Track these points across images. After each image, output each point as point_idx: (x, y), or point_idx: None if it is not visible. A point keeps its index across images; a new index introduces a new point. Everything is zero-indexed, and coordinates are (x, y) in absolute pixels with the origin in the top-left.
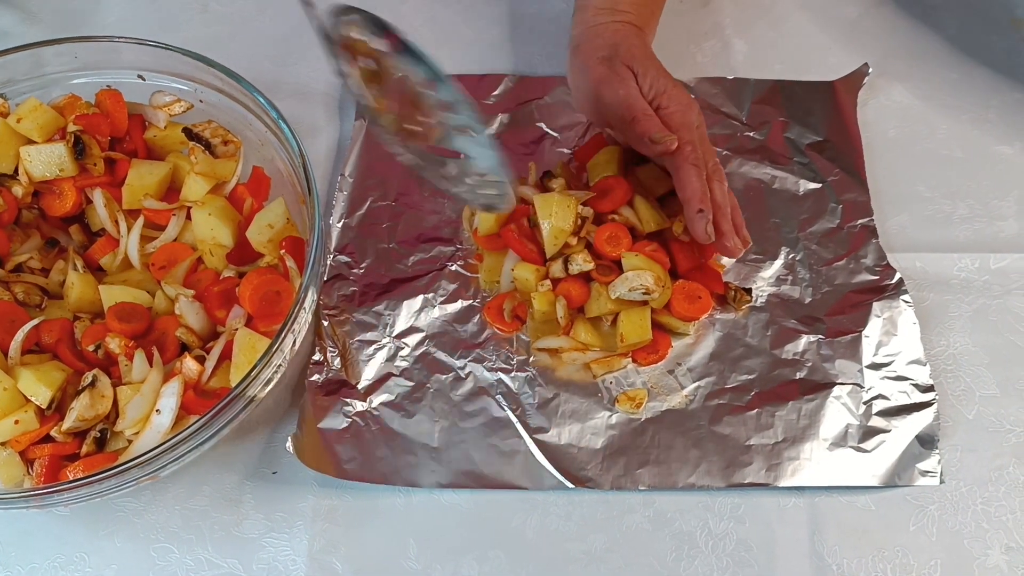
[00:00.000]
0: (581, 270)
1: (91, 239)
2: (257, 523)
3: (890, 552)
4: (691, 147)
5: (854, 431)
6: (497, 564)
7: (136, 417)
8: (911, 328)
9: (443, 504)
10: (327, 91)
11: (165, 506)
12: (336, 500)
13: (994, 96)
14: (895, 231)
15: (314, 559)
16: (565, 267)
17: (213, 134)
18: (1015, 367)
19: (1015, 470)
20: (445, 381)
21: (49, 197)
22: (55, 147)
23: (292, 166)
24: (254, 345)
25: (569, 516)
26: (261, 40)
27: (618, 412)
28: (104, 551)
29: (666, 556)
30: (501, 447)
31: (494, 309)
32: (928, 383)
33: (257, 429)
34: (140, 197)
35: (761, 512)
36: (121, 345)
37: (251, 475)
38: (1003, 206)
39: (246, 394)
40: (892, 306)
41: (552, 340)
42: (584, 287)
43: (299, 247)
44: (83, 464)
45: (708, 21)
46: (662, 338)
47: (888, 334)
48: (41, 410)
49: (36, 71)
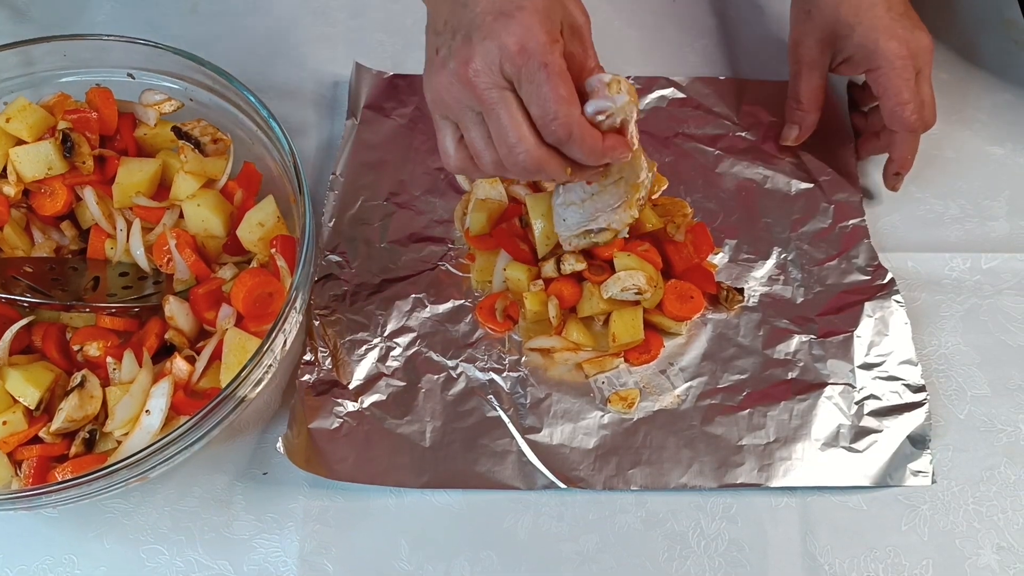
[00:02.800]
0: (573, 270)
1: (83, 236)
2: (248, 524)
3: (882, 552)
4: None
5: (846, 431)
6: (489, 565)
7: (125, 418)
8: (902, 328)
9: (435, 505)
10: (317, 90)
11: (155, 507)
12: (327, 501)
13: (985, 97)
14: (887, 231)
15: (305, 560)
16: (557, 267)
17: (203, 133)
18: (1006, 367)
19: (1006, 470)
20: (437, 381)
21: (40, 197)
22: (43, 145)
23: (283, 165)
24: (244, 345)
25: (561, 516)
26: (252, 39)
27: (610, 412)
28: (93, 553)
29: (658, 556)
30: (493, 447)
31: (486, 309)
32: (919, 383)
33: (247, 430)
34: (131, 195)
35: (753, 512)
36: (101, 348)
37: (241, 476)
38: (994, 206)
39: (236, 395)
40: (884, 306)
41: (544, 340)
42: (576, 287)
43: (290, 246)
44: (72, 465)
45: (701, 20)
46: (654, 338)
47: (880, 334)
48: (29, 411)
49: (25, 69)
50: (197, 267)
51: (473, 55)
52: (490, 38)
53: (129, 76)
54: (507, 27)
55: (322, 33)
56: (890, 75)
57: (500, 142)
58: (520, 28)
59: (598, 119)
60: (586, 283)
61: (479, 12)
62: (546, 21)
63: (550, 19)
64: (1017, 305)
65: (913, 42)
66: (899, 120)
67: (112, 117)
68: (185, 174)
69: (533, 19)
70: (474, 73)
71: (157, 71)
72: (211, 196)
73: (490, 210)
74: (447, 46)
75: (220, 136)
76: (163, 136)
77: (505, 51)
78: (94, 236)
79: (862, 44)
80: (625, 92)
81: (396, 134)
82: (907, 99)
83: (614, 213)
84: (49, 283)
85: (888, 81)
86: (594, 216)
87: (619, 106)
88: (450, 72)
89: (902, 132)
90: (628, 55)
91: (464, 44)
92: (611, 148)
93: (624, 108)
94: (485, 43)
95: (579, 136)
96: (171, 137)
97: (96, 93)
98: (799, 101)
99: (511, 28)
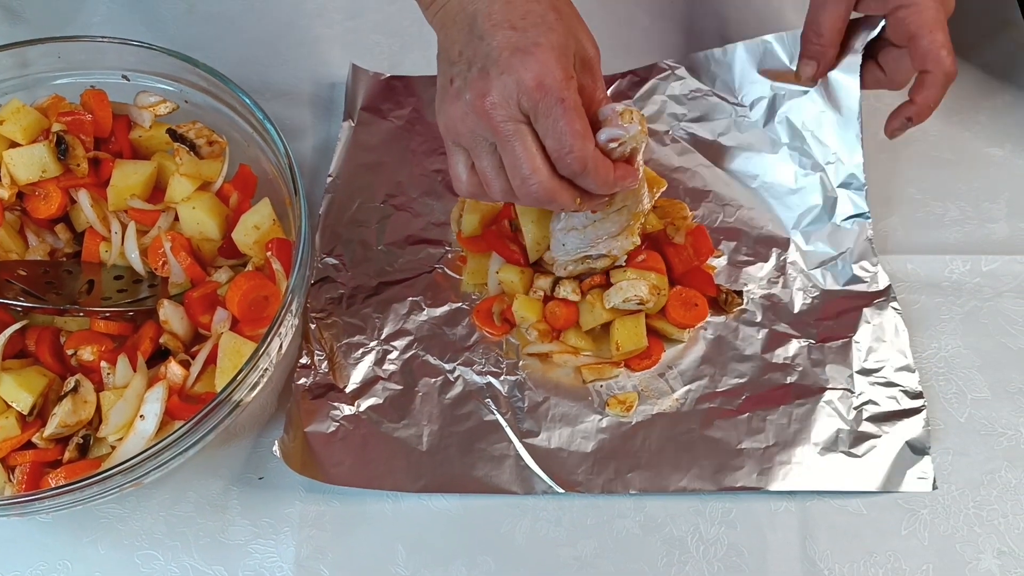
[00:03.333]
0: (567, 298)
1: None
2: (243, 529)
3: (882, 556)
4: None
5: (845, 436)
6: (486, 570)
7: (119, 423)
8: (900, 334)
9: (432, 509)
10: (313, 92)
11: (150, 512)
12: (323, 506)
13: (985, 98)
14: (886, 233)
15: (301, 566)
16: (552, 289)
17: (198, 135)
18: (1006, 370)
19: (1007, 474)
20: (434, 385)
21: (34, 200)
22: (37, 148)
23: (278, 167)
24: (239, 349)
25: (559, 521)
26: (247, 41)
27: (608, 416)
28: (88, 558)
29: (657, 561)
30: (490, 451)
31: (483, 312)
32: (917, 389)
33: (243, 434)
34: (126, 197)
35: (752, 517)
36: (95, 352)
37: (237, 481)
38: (994, 208)
39: (232, 399)
40: (881, 312)
41: (542, 345)
42: (572, 306)
43: (286, 249)
44: (65, 471)
45: (701, 11)
46: (655, 343)
47: (878, 340)
48: (22, 416)
49: (19, 71)
50: (192, 270)
51: (490, 88)
52: (508, 72)
53: (124, 78)
54: (525, 63)
55: (319, 35)
56: (926, 13)
57: (513, 173)
58: (538, 64)
59: (610, 147)
60: (584, 298)
61: (496, 46)
62: (562, 58)
63: (566, 55)
64: (1017, 307)
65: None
66: (936, 60)
67: (107, 119)
68: (180, 176)
69: (550, 56)
70: (491, 106)
71: (152, 73)
72: (206, 199)
73: (483, 212)
74: (462, 77)
75: (216, 138)
76: (158, 138)
77: (523, 86)
78: (89, 239)
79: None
80: (637, 122)
81: (393, 136)
82: (943, 40)
83: (614, 240)
84: (43, 287)
85: (924, 19)
86: (594, 243)
87: (631, 135)
88: (465, 103)
89: (936, 74)
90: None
91: (481, 77)
92: (621, 178)
93: (635, 137)
94: (503, 77)
95: (593, 168)
96: (166, 139)
97: (91, 95)
98: (819, 34)
99: (528, 64)
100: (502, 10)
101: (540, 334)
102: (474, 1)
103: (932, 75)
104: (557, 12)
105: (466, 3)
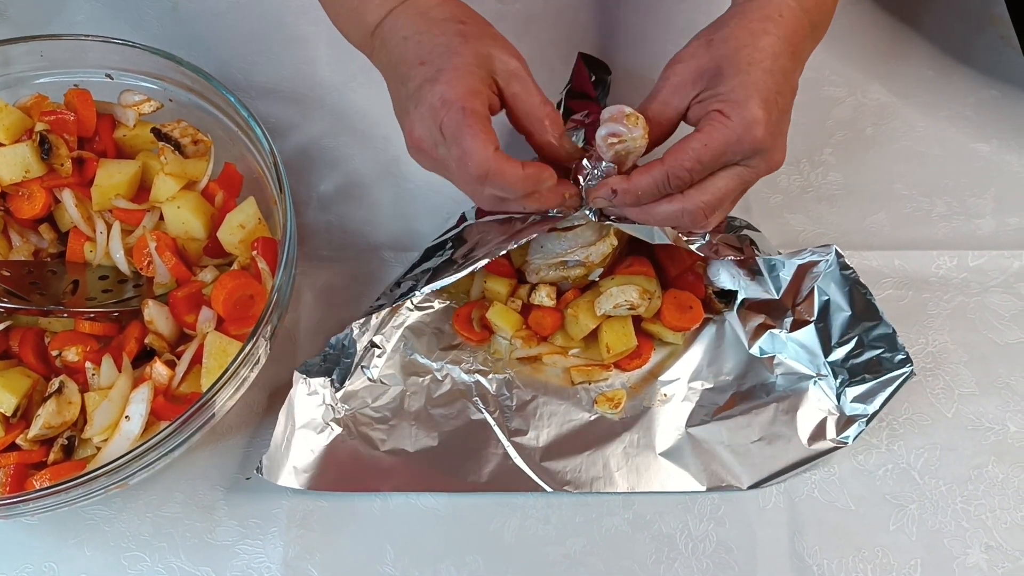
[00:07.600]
0: (542, 304)
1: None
2: (231, 530)
3: (870, 552)
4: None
5: (832, 423)
6: (475, 569)
7: (105, 424)
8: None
9: (420, 508)
10: (298, 90)
11: (136, 514)
12: (311, 505)
13: (971, 93)
14: (873, 229)
15: (289, 566)
16: (529, 296)
17: (183, 134)
18: (994, 364)
19: (994, 468)
20: (422, 384)
21: (17, 200)
22: (20, 148)
23: (264, 166)
24: (225, 349)
25: (548, 519)
26: (232, 39)
27: (597, 413)
28: (74, 560)
29: (646, 559)
30: (479, 450)
31: (462, 318)
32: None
33: (229, 434)
34: (110, 197)
35: (741, 513)
36: (80, 353)
37: (224, 481)
38: (980, 203)
39: (217, 399)
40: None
41: (531, 349)
42: (556, 313)
43: (271, 248)
44: (50, 472)
45: (682, 17)
46: (645, 343)
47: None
48: (6, 418)
49: (2, 70)
50: (177, 270)
51: (414, 124)
52: (420, 104)
53: (108, 77)
54: (432, 90)
55: (304, 32)
56: (726, 133)
57: (463, 189)
58: (441, 86)
59: (610, 141)
60: (565, 312)
61: (413, 86)
62: (467, 76)
63: (472, 74)
64: (1004, 303)
65: (767, 141)
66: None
67: (91, 118)
68: (165, 176)
69: (453, 76)
70: (419, 140)
71: (136, 72)
72: (191, 198)
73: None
74: (401, 120)
75: (200, 137)
76: (143, 137)
77: (432, 109)
78: (73, 239)
79: (733, 89)
80: (640, 128)
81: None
82: (729, 186)
83: (592, 247)
84: (27, 287)
85: (717, 135)
86: (573, 248)
87: (632, 137)
88: (408, 146)
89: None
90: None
91: (406, 117)
92: (533, 176)
93: (635, 140)
94: (419, 110)
95: (496, 171)
96: (151, 138)
97: (74, 94)
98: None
99: (435, 89)
100: (414, 50)
101: (524, 340)
102: (395, 48)
103: (675, 177)
104: (463, 37)
105: (392, 51)
